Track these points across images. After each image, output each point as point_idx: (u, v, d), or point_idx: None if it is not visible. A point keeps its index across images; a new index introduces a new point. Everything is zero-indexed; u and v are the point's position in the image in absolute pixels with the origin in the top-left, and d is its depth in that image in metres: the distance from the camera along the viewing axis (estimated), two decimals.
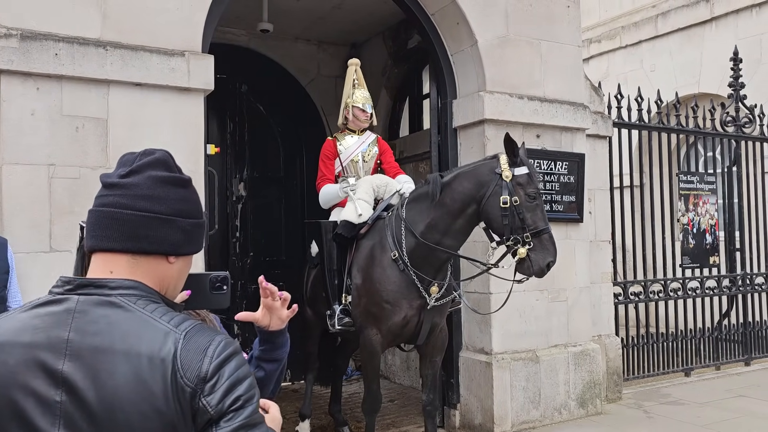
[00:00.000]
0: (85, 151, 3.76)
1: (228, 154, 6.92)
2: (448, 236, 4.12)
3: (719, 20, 9.81)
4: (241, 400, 1.11)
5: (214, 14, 4.25)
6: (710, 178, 7.20)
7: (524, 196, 3.90)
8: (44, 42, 3.64)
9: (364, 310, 4.26)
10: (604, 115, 6.15)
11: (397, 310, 4.18)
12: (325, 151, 4.96)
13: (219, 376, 1.10)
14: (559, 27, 5.57)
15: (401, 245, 4.18)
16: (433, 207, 4.14)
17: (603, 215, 6.05)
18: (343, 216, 4.52)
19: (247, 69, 7.04)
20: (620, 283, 6.39)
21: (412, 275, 4.14)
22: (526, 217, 3.88)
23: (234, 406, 1.10)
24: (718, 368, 7.07)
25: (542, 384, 5.18)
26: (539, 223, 3.90)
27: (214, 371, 1.10)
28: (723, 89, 8.34)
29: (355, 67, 5.05)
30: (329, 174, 4.92)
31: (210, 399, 1.09)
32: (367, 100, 4.96)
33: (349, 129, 5.02)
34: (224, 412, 1.09)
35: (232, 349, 1.14)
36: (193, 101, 4.07)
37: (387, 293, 4.19)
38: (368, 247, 4.38)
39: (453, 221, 4.09)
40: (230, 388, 1.10)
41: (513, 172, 3.94)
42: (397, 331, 4.25)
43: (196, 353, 1.10)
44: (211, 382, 1.09)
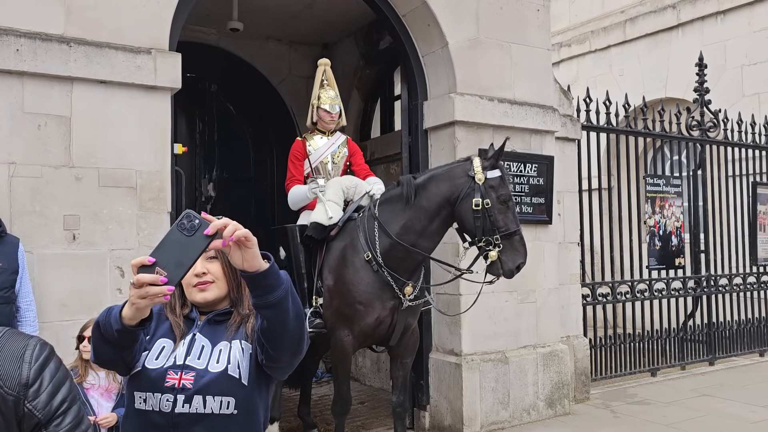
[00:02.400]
0: (47, 149, 3.67)
1: (197, 154, 6.84)
2: (423, 238, 4.13)
3: (685, 26, 10.01)
4: (67, 401, 1.14)
5: (182, 11, 4.19)
6: (676, 181, 7.33)
7: (496, 199, 3.94)
8: (5, 37, 3.54)
9: (336, 311, 4.24)
10: (573, 118, 6.22)
11: (370, 310, 4.16)
12: (294, 152, 4.92)
13: (41, 381, 1.12)
14: (530, 30, 5.62)
15: (375, 246, 4.17)
16: (407, 209, 4.14)
17: (571, 217, 6.11)
18: (313, 218, 4.48)
19: (217, 68, 6.97)
20: (588, 285, 6.46)
21: (387, 276, 4.13)
22: (498, 219, 3.92)
23: (61, 408, 1.12)
24: (683, 368, 7.20)
25: (511, 385, 5.21)
26: (510, 225, 3.94)
27: (36, 376, 1.11)
28: (689, 94, 8.50)
29: (324, 68, 5.02)
30: (298, 175, 4.88)
31: (36, 403, 1.10)
32: (333, 101, 4.92)
33: (319, 130, 4.99)
34: (53, 416, 1.11)
35: (48, 352, 1.15)
36: (159, 100, 4.00)
37: (360, 294, 4.17)
38: (339, 248, 4.36)
39: (429, 223, 4.11)
40: (54, 391, 1.12)
41: (486, 175, 3.98)
42: (369, 332, 4.23)
43: (13, 361, 1.11)
44: (34, 387, 1.11)
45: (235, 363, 1.64)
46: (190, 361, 1.64)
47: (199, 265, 1.66)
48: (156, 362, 1.64)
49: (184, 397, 1.59)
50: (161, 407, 1.60)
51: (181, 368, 1.62)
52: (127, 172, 3.86)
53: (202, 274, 1.69)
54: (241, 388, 1.63)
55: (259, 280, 1.47)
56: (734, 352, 7.70)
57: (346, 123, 5.20)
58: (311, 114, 4.99)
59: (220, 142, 7.03)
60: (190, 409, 1.59)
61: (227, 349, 1.66)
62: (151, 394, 1.61)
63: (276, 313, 1.51)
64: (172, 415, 1.59)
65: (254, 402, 1.66)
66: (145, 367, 1.63)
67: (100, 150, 3.80)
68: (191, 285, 1.70)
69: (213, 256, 1.70)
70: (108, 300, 3.73)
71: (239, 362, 1.64)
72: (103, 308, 3.60)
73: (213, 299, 1.71)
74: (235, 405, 1.62)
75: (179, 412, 1.59)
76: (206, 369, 1.63)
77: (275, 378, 1.73)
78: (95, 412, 3.18)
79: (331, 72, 5.03)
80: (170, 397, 1.60)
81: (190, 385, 1.60)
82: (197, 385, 1.60)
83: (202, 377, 1.61)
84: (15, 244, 3.43)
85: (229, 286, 1.72)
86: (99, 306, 3.64)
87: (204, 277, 1.69)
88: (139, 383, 1.63)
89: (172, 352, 1.65)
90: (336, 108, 4.92)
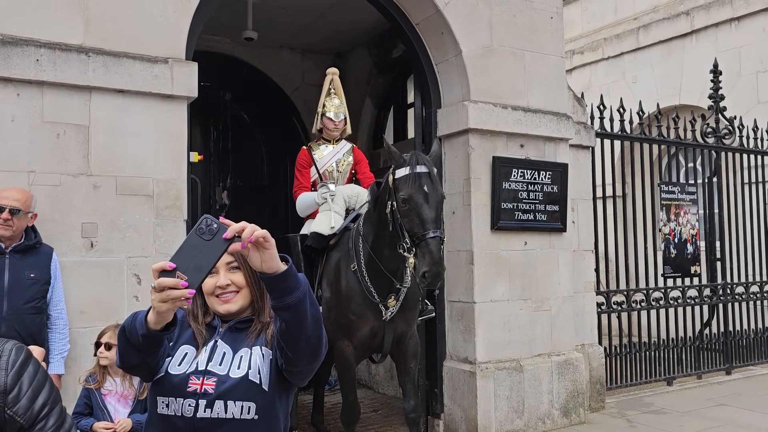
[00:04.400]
0: (66, 158, 3.71)
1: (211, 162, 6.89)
2: (387, 249, 3.91)
3: (699, 33, 9.96)
4: (48, 404, 1.15)
5: (198, 21, 4.23)
6: (691, 188, 7.28)
7: (399, 201, 3.64)
8: (25, 47, 3.60)
9: (335, 322, 4.21)
10: (587, 126, 6.20)
11: (364, 321, 4.12)
12: (300, 161, 4.95)
13: (20, 386, 1.13)
14: (543, 37, 5.62)
15: (360, 258, 4.11)
16: (371, 219, 4.06)
17: (586, 225, 6.09)
18: (313, 227, 4.51)
19: (231, 77, 7.03)
20: (603, 293, 6.43)
21: (369, 287, 4.05)
22: (404, 224, 3.63)
23: (43, 411, 1.14)
24: (699, 377, 7.13)
25: (526, 393, 5.18)
26: (415, 229, 3.58)
27: (13, 382, 1.12)
28: (703, 101, 8.45)
29: (332, 77, 5.04)
30: (305, 182, 4.91)
31: (17, 409, 1.12)
32: (337, 109, 4.93)
33: (324, 138, 5.00)
34: (35, 420, 1.13)
35: (24, 356, 1.16)
36: (176, 108, 4.04)
37: (354, 305, 4.13)
38: (336, 258, 4.34)
39: (386, 233, 3.86)
40: (34, 396, 1.14)
41: (395, 175, 3.70)
42: (367, 342, 4.20)
43: None
44: (13, 393, 1.12)
45: (255, 369, 1.65)
46: (211, 367, 1.65)
47: (222, 277, 1.68)
48: (179, 368, 1.66)
49: (205, 402, 1.61)
50: (183, 412, 1.61)
51: (203, 374, 1.64)
52: (144, 180, 3.90)
53: (225, 286, 1.69)
54: (262, 394, 1.64)
55: (277, 281, 1.48)
56: (752, 361, 7.61)
57: (350, 131, 5.17)
58: (316, 122, 5.02)
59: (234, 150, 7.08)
60: (211, 414, 1.60)
61: (248, 355, 1.67)
62: (173, 399, 1.62)
63: (294, 314, 1.52)
64: (194, 420, 1.60)
65: (275, 408, 1.67)
66: (168, 373, 1.65)
67: (117, 158, 3.84)
68: (214, 296, 1.71)
69: (236, 267, 1.71)
70: (125, 307, 3.75)
71: (260, 368, 1.65)
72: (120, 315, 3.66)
73: (237, 310, 1.72)
74: (256, 410, 1.63)
75: (201, 417, 1.60)
76: (228, 375, 1.64)
77: (295, 384, 1.74)
78: (112, 417, 3.21)
79: (338, 81, 5.05)
80: (192, 402, 1.61)
81: (212, 390, 1.62)
82: (219, 390, 1.62)
83: (224, 383, 1.62)
84: (49, 255, 3.49)
85: (253, 295, 1.73)
86: (116, 313, 3.67)
87: (228, 289, 1.70)
88: (162, 388, 1.64)
89: (195, 358, 1.67)
90: (340, 116, 4.93)
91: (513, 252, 5.27)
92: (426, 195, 3.62)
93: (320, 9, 6.52)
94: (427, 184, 3.65)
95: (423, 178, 3.65)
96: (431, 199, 3.63)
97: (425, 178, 3.67)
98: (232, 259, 1.71)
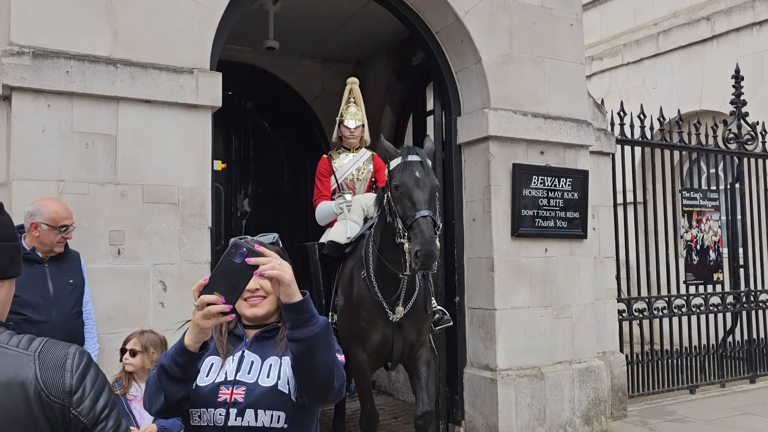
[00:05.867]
0: (94, 167, 3.79)
1: (233, 170, 6.96)
2: (390, 251, 3.92)
3: (720, 38, 9.88)
4: (108, 406, 1.20)
5: (222, 32, 4.31)
6: (713, 194, 7.22)
7: (392, 189, 3.67)
8: (56, 59, 3.69)
9: (348, 330, 4.23)
10: (608, 132, 6.19)
11: (375, 328, 4.12)
12: (320, 169, 4.99)
13: (84, 387, 1.19)
14: (563, 45, 5.63)
15: (369, 264, 4.12)
16: (378, 223, 4.08)
17: (607, 231, 6.07)
18: (330, 236, 4.54)
19: (253, 86, 7.10)
20: (624, 300, 6.39)
21: (377, 294, 4.05)
22: (397, 210, 3.64)
23: (104, 413, 1.19)
24: (723, 385, 7.04)
25: (547, 401, 5.17)
26: (407, 212, 3.58)
27: (78, 384, 1.18)
28: (725, 106, 8.38)
29: (351, 86, 5.07)
30: (325, 191, 4.95)
31: (81, 409, 1.17)
32: (354, 117, 4.95)
33: (344, 147, 5.03)
34: (97, 420, 1.18)
35: (87, 359, 1.22)
36: (201, 118, 4.11)
37: (364, 312, 4.14)
38: (350, 267, 4.36)
39: (386, 233, 3.89)
40: (97, 397, 1.19)
41: (390, 167, 3.73)
42: (379, 349, 4.19)
43: (56, 370, 1.17)
44: (77, 395, 1.17)
45: (284, 379, 1.68)
46: (240, 377, 1.69)
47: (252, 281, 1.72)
48: (206, 379, 1.70)
49: (236, 411, 1.64)
50: (215, 421, 1.64)
51: (232, 383, 1.67)
52: (169, 188, 3.97)
53: (254, 290, 1.74)
54: (291, 404, 1.66)
55: (288, 310, 1.55)
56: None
57: (369, 139, 5.17)
58: (336, 131, 5.06)
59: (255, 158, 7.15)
60: (242, 422, 1.63)
61: (277, 364, 1.70)
62: (205, 410, 1.66)
63: (301, 350, 1.55)
64: (226, 429, 1.64)
65: (304, 417, 1.70)
66: (197, 385, 1.68)
67: (144, 167, 3.92)
68: (242, 299, 1.74)
69: None
70: (151, 313, 3.82)
71: (289, 378, 1.68)
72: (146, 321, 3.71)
73: (263, 314, 1.76)
74: (286, 419, 1.65)
75: (232, 426, 1.63)
76: (256, 383, 1.67)
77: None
78: (137, 423, 3.25)
79: (358, 90, 5.08)
80: (222, 411, 1.64)
81: (242, 399, 1.65)
82: (249, 399, 1.65)
83: (253, 390, 1.66)
84: (78, 259, 3.59)
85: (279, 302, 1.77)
86: (142, 319, 3.74)
87: (257, 293, 1.74)
88: (194, 401, 1.68)
89: (221, 367, 1.70)
90: (357, 123, 4.95)
91: (533, 259, 5.27)
92: (417, 180, 3.63)
93: (341, 18, 6.59)
94: (419, 170, 3.67)
95: (415, 165, 3.68)
96: (423, 184, 3.62)
97: (417, 165, 3.68)
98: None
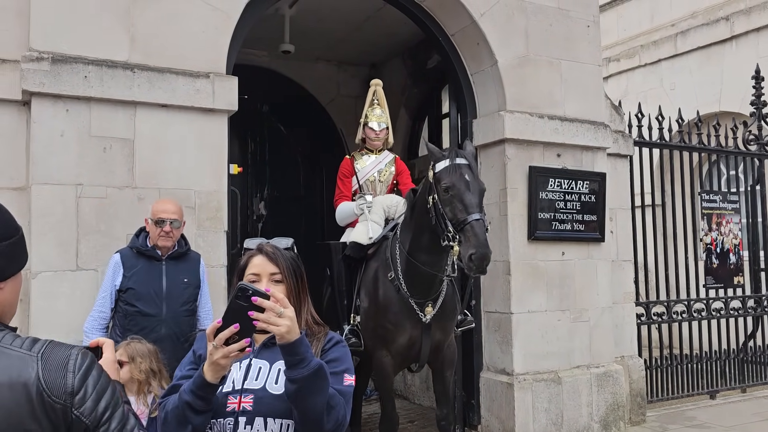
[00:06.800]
0: (112, 171, 3.82)
1: (249, 174, 6.99)
2: (425, 252, 3.94)
3: (739, 39, 9.76)
4: (111, 406, 1.20)
5: (238, 37, 4.33)
6: (733, 197, 7.12)
7: (441, 191, 3.67)
8: (74, 65, 3.72)
9: (373, 332, 4.23)
10: (625, 134, 6.13)
11: (402, 330, 4.11)
12: (342, 170, 4.98)
13: (85, 388, 1.18)
14: (579, 46, 5.59)
15: (397, 265, 4.13)
16: (409, 225, 4.09)
17: (625, 235, 6.00)
18: (352, 237, 4.54)
19: (269, 89, 7.13)
20: (643, 304, 6.31)
21: (407, 295, 4.06)
22: (446, 212, 3.64)
23: (106, 413, 1.19)
24: (743, 391, 6.94)
25: (565, 406, 5.12)
26: (458, 215, 3.59)
27: (80, 384, 1.18)
28: (744, 107, 8.27)
29: (375, 88, 5.07)
30: (347, 192, 4.94)
31: (83, 410, 1.17)
32: (379, 119, 4.96)
33: (367, 148, 5.03)
34: (99, 421, 1.18)
35: (90, 360, 1.22)
36: (217, 122, 4.13)
37: (391, 315, 4.14)
38: (374, 268, 4.36)
39: (423, 236, 3.92)
40: (99, 398, 1.19)
41: (435, 170, 3.76)
42: (405, 352, 4.20)
43: (58, 371, 1.17)
44: (79, 395, 1.17)
45: None
46: (248, 385, 1.68)
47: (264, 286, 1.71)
48: None
49: (245, 419, 1.64)
50: (225, 431, 1.64)
51: (240, 392, 1.67)
52: (186, 192, 3.98)
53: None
54: None
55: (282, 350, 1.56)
56: None
57: (393, 141, 5.21)
58: (359, 132, 5.06)
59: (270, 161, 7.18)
60: (251, 430, 1.63)
61: None
62: (215, 421, 1.65)
63: (291, 389, 1.56)
64: None
65: None
66: None
67: (160, 171, 3.94)
68: None
69: (278, 280, 1.75)
70: None
71: None
72: None
73: None
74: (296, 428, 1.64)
75: None
76: (264, 388, 1.66)
77: None
78: None
79: (382, 92, 5.08)
80: (231, 420, 1.64)
81: (250, 407, 1.64)
82: (257, 407, 1.64)
83: (261, 398, 1.65)
84: (197, 261, 3.72)
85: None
86: None
87: None
88: None
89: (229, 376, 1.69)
90: (382, 125, 4.95)
91: (550, 262, 5.23)
92: (467, 182, 3.67)
93: (356, 22, 6.59)
94: (468, 173, 3.71)
95: (463, 167, 3.72)
96: (473, 187, 3.67)
97: (465, 168, 3.73)
98: (277, 271, 1.75)
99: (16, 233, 1.30)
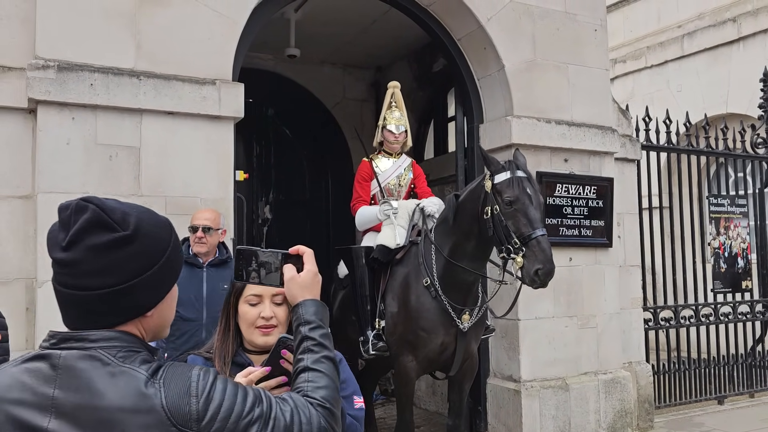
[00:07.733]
0: (118, 179, 3.81)
1: (254, 177, 6.97)
2: (468, 259, 4.01)
3: (747, 40, 9.70)
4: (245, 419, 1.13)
5: (244, 43, 4.31)
6: (741, 201, 7.07)
7: (502, 203, 3.71)
8: (80, 72, 3.71)
9: (401, 337, 4.20)
10: (633, 138, 6.09)
11: (434, 337, 4.11)
12: (361, 173, 4.89)
13: (211, 412, 1.12)
14: (587, 50, 5.55)
15: (432, 271, 4.13)
16: (452, 230, 4.08)
17: (632, 239, 5.97)
18: (380, 240, 4.48)
19: (274, 93, 7.11)
20: (650, 309, 6.28)
21: (444, 302, 4.06)
22: (509, 225, 3.68)
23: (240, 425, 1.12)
24: (752, 396, 6.89)
25: (572, 413, 5.09)
26: (522, 229, 3.64)
27: (204, 409, 1.11)
28: (752, 109, 8.21)
29: (393, 90, 5.00)
30: (365, 195, 4.86)
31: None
32: (397, 121, 4.89)
33: (385, 151, 4.97)
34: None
35: (211, 379, 1.15)
36: (223, 129, 4.11)
37: (424, 321, 4.12)
38: (403, 274, 4.33)
39: (467, 242, 3.98)
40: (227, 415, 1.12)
41: (493, 180, 3.80)
42: (435, 357, 4.18)
43: (181, 397, 1.11)
44: (205, 420, 1.11)
45: None
46: None
47: (268, 308, 1.69)
48: None
49: None
50: None
51: None
52: (192, 200, 3.97)
53: (269, 318, 1.71)
54: None
55: None
56: None
57: (411, 144, 5.13)
58: (377, 135, 5.00)
59: (276, 165, 7.16)
60: None
61: None
62: None
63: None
64: None
65: None
66: None
67: (166, 179, 3.92)
68: (255, 326, 1.73)
69: (279, 303, 1.73)
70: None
71: None
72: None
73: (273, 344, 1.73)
74: None
75: None
76: None
77: None
78: None
79: (399, 94, 4.99)
80: None
81: None
82: None
83: None
84: None
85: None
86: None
87: (270, 321, 1.72)
88: None
89: None
90: (401, 128, 4.88)
91: (558, 268, 5.10)
92: (530, 196, 3.73)
93: (362, 25, 6.57)
94: (529, 187, 3.78)
95: (524, 181, 3.79)
96: (535, 201, 3.73)
97: (526, 181, 3.80)
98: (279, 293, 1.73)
99: (161, 257, 1.21)
